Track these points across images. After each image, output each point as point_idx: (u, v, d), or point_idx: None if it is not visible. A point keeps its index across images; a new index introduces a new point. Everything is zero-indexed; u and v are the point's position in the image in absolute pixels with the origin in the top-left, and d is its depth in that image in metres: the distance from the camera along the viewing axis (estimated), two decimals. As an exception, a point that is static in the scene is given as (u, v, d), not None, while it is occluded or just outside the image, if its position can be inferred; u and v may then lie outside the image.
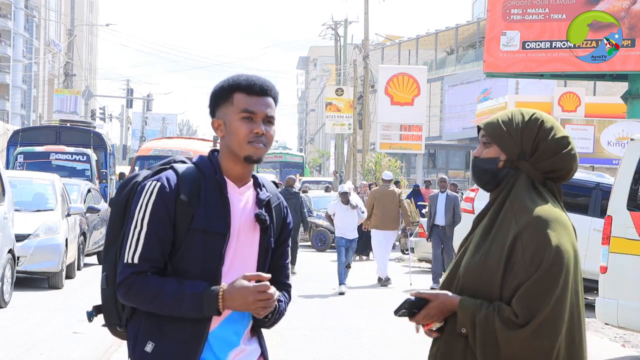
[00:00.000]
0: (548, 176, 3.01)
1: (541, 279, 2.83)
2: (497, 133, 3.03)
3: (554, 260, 2.84)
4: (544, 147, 2.98)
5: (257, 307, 2.95)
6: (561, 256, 2.86)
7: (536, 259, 2.84)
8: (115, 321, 3.17)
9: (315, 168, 79.07)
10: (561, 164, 3.00)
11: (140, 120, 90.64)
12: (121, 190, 3.18)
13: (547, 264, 2.83)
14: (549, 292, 2.82)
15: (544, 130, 3.00)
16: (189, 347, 2.99)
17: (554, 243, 2.86)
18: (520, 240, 2.88)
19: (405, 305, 2.97)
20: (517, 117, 3.03)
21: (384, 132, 38.67)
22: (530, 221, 2.89)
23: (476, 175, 3.09)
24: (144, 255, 2.98)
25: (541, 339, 2.83)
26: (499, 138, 3.02)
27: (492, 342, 2.86)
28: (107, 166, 25.96)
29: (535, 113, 3.04)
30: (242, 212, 3.08)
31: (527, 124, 3.00)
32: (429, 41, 57.37)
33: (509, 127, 3.02)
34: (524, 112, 3.05)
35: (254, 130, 3.02)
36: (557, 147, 2.99)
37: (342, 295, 14.53)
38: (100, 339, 9.25)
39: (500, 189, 3.02)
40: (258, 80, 3.07)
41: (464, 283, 2.98)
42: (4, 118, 65.61)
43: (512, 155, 3.00)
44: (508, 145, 3.01)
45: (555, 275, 2.84)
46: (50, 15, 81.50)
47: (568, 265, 2.87)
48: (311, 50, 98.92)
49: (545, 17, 27.40)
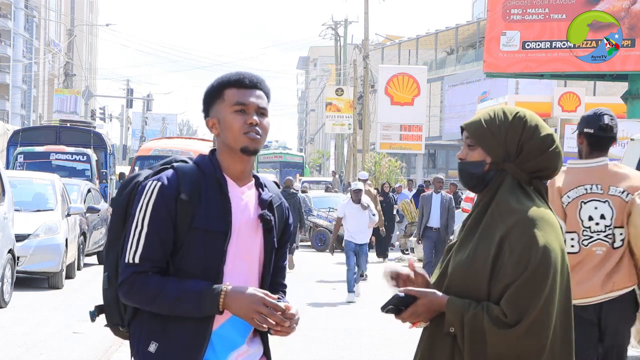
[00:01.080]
0: (534, 175, 3.00)
1: (529, 280, 2.82)
2: (481, 135, 3.00)
3: (541, 260, 2.83)
4: (528, 148, 2.96)
5: (255, 317, 2.89)
6: (548, 256, 2.85)
7: (523, 259, 2.83)
8: (118, 321, 3.16)
9: (315, 168, 79.06)
10: (547, 163, 2.99)
11: (140, 120, 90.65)
12: (122, 190, 3.18)
13: (535, 264, 2.83)
14: (538, 292, 2.82)
15: (527, 129, 2.97)
16: (192, 347, 2.99)
17: (541, 243, 2.85)
18: (507, 241, 2.87)
19: (393, 301, 2.95)
20: (500, 116, 3.00)
21: (384, 132, 38.67)
22: (517, 221, 2.88)
23: (463, 179, 3.08)
24: (145, 255, 2.98)
25: (531, 339, 2.83)
26: (483, 140, 2.99)
27: (480, 341, 2.85)
28: (107, 166, 25.97)
29: (519, 112, 3.01)
30: (244, 211, 3.07)
31: (511, 124, 2.98)
32: (429, 41, 57.36)
33: (493, 127, 2.99)
34: (507, 111, 3.01)
35: (248, 121, 3.01)
36: (542, 146, 2.97)
37: (351, 303, 13.65)
38: (101, 339, 9.25)
39: (486, 191, 3.01)
40: (247, 74, 3.08)
41: (451, 283, 2.97)
42: (4, 118, 65.60)
43: (497, 158, 2.98)
44: (493, 147, 2.98)
45: (543, 276, 2.83)
46: (50, 15, 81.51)
47: (555, 265, 2.87)
48: (311, 50, 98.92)
49: (545, 17, 27.40)
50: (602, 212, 4.89)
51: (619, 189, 4.90)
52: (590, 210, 4.91)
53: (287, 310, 2.91)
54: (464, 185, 3.13)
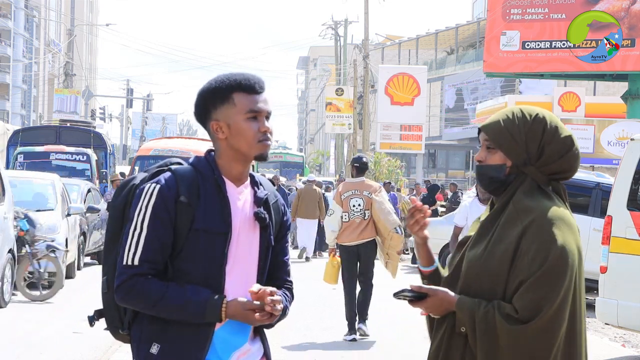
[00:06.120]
0: (552, 177, 2.97)
1: (544, 277, 2.79)
2: (500, 138, 2.95)
3: (559, 259, 2.81)
4: (549, 151, 2.93)
5: (258, 324, 3.04)
6: (566, 256, 2.82)
7: (540, 257, 2.81)
8: (118, 324, 3.16)
9: (315, 168, 79.05)
10: (567, 165, 2.96)
11: (140, 120, 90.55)
12: (119, 194, 3.17)
13: (552, 262, 2.80)
14: (552, 291, 2.79)
15: (548, 132, 2.93)
16: (194, 348, 3.00)
17: (560, 242, 2.82)
18: (524, 238, 2.84)
19: (405, 291, 2.96)
20: (519, 118, 2.95)
21: (384, 132, 38.67)
22: (535, 219, 2.85)
23: (483, 182, 3.02)
24: (144, 257, 2.98)
25: (542, 338, 2.80)
26: (503, 143, 2.95)
27: (492, 339, 2.83)
28: (107, 166, 25.94)
29: (538, 113, 2.97)
30: (242, 211, 3.08)
31: (531, 127, 2.94)
32: (429, 41, 57.34)
33: (513, 130, 2.94)
34: (526, 112, 2.97)
35: (261, 129, 3.04)
36: (563, 149, 2.94)
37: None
38: (101, 339, 9.24)
39: (505, 193, 2.98)
40: (254, 79, 3.07)
41: (468, 278, 2.94)
42: (4, 118, 65.58)
43: (518, 161, 2.94)
44: (513, 151, 2.94)
45: (559, 275, 2.80)
46: (50, 15, 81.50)
47: (573, 265, 2.84)
48: (311, 50, 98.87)
49: (545, 17, 27.41)
50: (359, 202, 9.99)
51: (366, 192, 10.03)
52: (354, 201, 10.00)
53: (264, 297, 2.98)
54: (483, 189, 3.08)
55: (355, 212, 9.95)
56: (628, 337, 11.04)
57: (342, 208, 9.99)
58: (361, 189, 10.03)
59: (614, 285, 9.12)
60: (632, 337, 11.00)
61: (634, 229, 9.01)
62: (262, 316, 2.98)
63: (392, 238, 9.85)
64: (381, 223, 9.87)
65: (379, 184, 10.67)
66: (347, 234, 9.97)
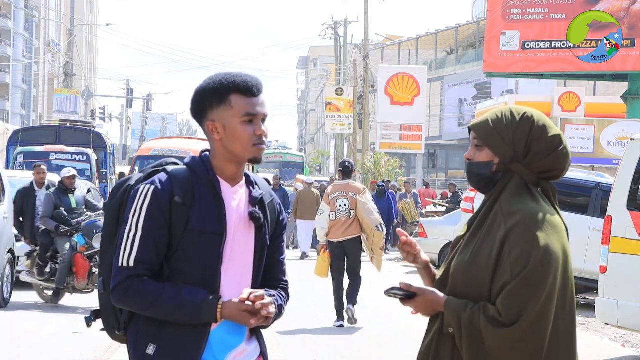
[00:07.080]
0: (541, 176, 2.98)
1: (527, 280, 2.80)
2: (488, 135, 2.98)
3: (541, 261, 2.81)
4: (536, 149, 2.94)
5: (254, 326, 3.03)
6: (549, 257, 2.83)
7: (522, 259, 2.81)
8: (114, 325, 3.16)
9: (315, 168, 79.04)
10: (555, 164, 2.97)
11: (140, 120, 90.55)
12: (114, 195, 3.17)
13: (534, 264, 2.80)
14: (535, 293, 2.80)
15: (535, 129, 2.95)
16: (190, 348, 3.00)
17: (542, 244, 2.83)
18: (508, 241, 2.85)
19: (395, 289, 2.99)
20: (507, 116, 2.98)
21: (384, 132, 38.68)
22: (519, 221, 2.86)
23: (472, 180, 3.06)
24: (140, 258, 2.98)
25: (527, 340, 2.81)
26: (491, 141, 2.97)
27: (478, 341, 2.84)
28: (107, 166, 25.94)
29: (526, 112, 2.99)
30: (237, 211, 3.08)
31: (519, 124, 2.96)
32: (429, 41, 57.34)
33: (500, 128, 2.97)
34: (514, 111, 2.99)
35: (257, 133, 3.03)
36: (550, 148, 2.95)
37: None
38: (101, 339, 9.23)
39: (493, 191, 2.99)
40: (253, 81, 3.05)
41: (454, 283, 2.96)
42: (4, 118, 65.60)
43: (505, 158, 2.96)
44: (500, 148, 2.96)
45: (542, 277, 2.81)
46: (50, 15, 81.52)
47: (556, 267, 2.84)
48: (311, 50, 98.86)
49: (545, 17, 27.41)
50: (345, 203, 10.95)
51: (352, 193, 11.00)
52: (340, 202, 10.99)
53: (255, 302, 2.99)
54: (472, 186, 3.11)
55: (341, 211, 11.04)
56: (628, 337, 11.03)
57: (330, 207, 11.08)
58: (347, 191, 11.11)
59: (614, 285, 9.11)
60: (632, 337, 11.00)
61: (633, 229, 9.01)
62: (257, 320, 2.99)
63: (375, 235, 10.89)
64: (365, 221, 10.94)
65: (363, 186, 11.74)
66: (334, 231, 11.10)
